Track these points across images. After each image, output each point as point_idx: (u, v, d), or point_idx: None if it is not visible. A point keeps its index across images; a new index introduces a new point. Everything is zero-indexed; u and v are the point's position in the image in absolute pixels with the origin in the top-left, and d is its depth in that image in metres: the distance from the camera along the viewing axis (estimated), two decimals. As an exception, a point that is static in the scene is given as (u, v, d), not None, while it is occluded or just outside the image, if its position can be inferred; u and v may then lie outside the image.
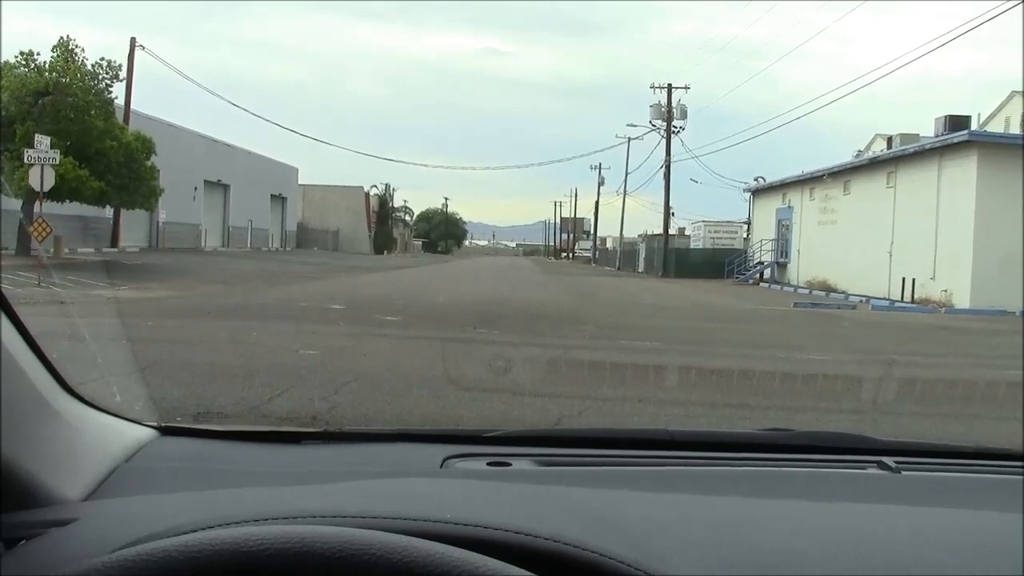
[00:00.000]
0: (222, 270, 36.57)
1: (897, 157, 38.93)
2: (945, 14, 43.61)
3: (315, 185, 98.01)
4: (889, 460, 2.18)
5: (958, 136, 34.04)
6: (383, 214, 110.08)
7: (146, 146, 34.11)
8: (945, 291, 32.82)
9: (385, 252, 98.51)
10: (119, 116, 37.51)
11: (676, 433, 2.48)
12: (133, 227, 51.30)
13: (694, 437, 2.49)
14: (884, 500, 1.94)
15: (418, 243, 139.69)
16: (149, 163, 34.48)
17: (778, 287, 46.96)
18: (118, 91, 45.45)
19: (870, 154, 49.69)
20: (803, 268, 47.74)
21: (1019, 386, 9.95)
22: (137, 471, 1.91)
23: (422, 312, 19.56)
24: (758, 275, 52.80)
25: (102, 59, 33.02)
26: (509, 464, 2.11)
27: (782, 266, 51.58)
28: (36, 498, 1.56)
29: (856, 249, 40.54)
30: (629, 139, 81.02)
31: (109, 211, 43.84)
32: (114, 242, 46.70)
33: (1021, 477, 2.15)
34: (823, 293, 39.69)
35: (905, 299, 34.81)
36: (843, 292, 39.45)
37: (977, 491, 2.12)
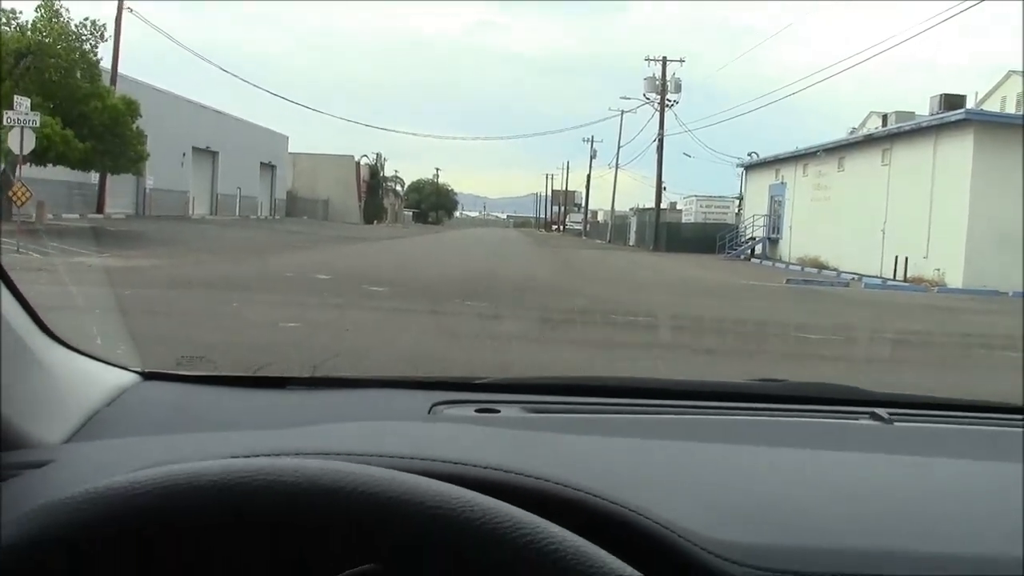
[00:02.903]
0: (208, 238, 36.15)
1: (893, 135, 38.59)
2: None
3: (305, 154, 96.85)
4: (882, 411, 2.16)
5: (955, 115, 33.67)
6: (374, 184, 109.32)
7: (132, 109, 33.41)
8: (938, 270, 32.55)
9: (375, 222, 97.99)
10: (105, 79, 37.09)
11: (666, 382, 2.48)
12: (119, 193, 50.64)
13: (684, 386, 2.45)
14: (877, 450, 1.91)
15: (409, 214, 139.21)
16: (135, 126, 33.83)
17: (770, 263, 46.61)
18: (104, 53, 45.47)
19: (865, 131, 49.38)
20: (795, 245, 47.41)
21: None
22: (118, 415, 1.89)
23: (409, 283, 19.21)
24: (749, 251, 52.46)
25: (86, 19, 32.40)
26: (498, 411, 2.06)
27: (774, 242, 51.27)
28: (13, 440, 1.53)
29: (849, 226, 40.23)
30: (622, 112, 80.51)
31: (95, 177, 43.30)
32: (99, 208, 46.07)
33: (1017, 429, 2.15)
34: (815, 270, 39.38)
35: (897, 278, 34.53)
36: (834, 269, 39.15)
37: (972, 442, 2.11)
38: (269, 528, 1.07)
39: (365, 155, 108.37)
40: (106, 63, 44.91)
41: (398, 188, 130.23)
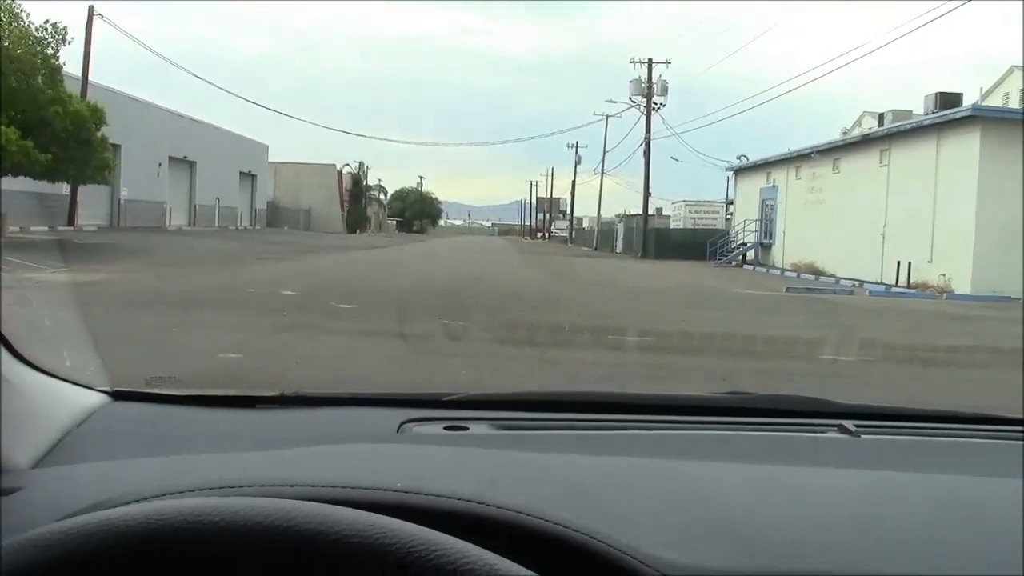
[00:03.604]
0: (180, 249, 34.59)
1: (891, 134, 36.95)
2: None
3: (286, 163, 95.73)
4: (849, 424, 2.16)
5: (960, 111, 32.15)
6: (356, 192, 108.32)
7: (97, 116, 31.70)
8: (943, 275, 30.99)
9: (358, 231, 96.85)
10: (74, 87, 35.52)
11: (636, 396, 2.49)
12: (92, 204, 49.06)
13: (654, 400, 2.45)
14: (843, 464, 1.90)
15: (392, 222, 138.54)
16: (100, 134, 32.18)
17: (763, 270, 45.09)
18: (73, 59, 43.90)
19: (859, 131, 47.97)
20: (788, 250, 45.84)
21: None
22: (88, 437, 1.88)
23: (383, 299, 17.58)
24: (741, 257, 50.90)
25: (47, 22, 30.78)
26: (466, 428, 2.08)
27: (766, 247, 49.70)
28: None
29: (846, 231, 38.74)
30: (607, 116, 78.79)
31: (66, 188, 41.76)
32: (71, 220, 44.50)
33: (982, 440, 2.20)
34: (812, 277, 37.93)
35: (900, 284, 32.99)
36: (831, 275, 37.73)
37: (937, 454, 2.12)
38: (193, 565, 1.09)
39: (347, 164, 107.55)
40: (76, 70, 44.03)
41: (381, 197, 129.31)
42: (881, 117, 43.65)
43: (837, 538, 1.45)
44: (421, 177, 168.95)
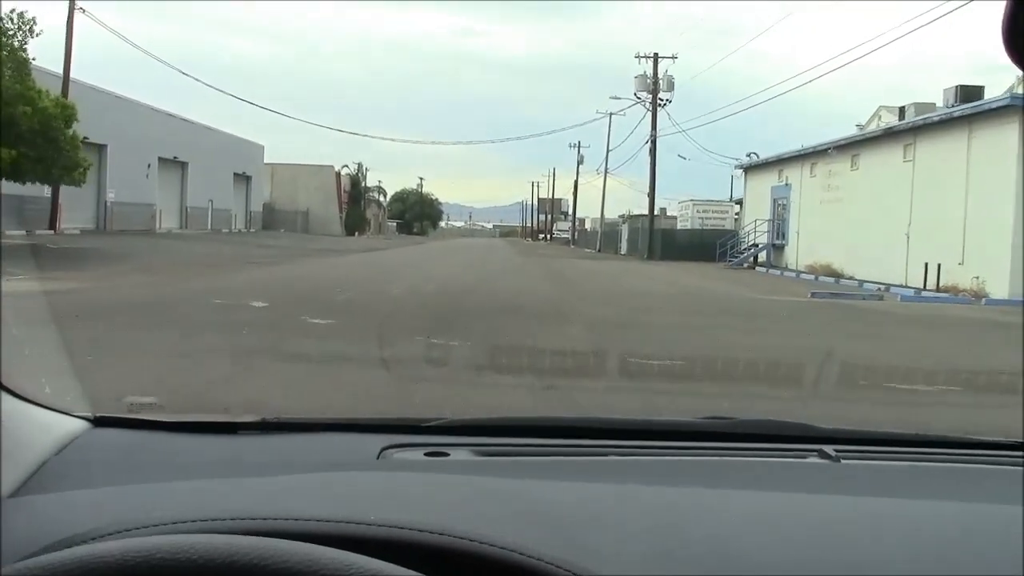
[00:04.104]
0: (161, 254, 32.62)
1: (916, 127, 34.71)
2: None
3: (283, 164, 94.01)
4: (829, 448, 2.14)
5: (997, 101, 29.72)
6: (355, 194, 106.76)
7: (66, 112, 29.59)
8: (977, 278, 28.79)
9: (356, 234, 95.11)
10: (50, 82, 33.47)
11: (617, 421, 2.48)
12: (77, 207, 46.96)
13: (635, 425, 2.43)
14: (822, 490, 1.91)
15: (392, 224, 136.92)
16: (71, 132, 30.03)
17: (777, 272, 42.91)
18: (54, 56, 41.88)
19: (876, 126, 45.80)
20: (803, 251, 43.71)
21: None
22: (68, 465, 1.85)
23: (366, 311, 15.52)
24: (752, 259, 48.73)
25: (13, 11, 28.68)
26: (447, 454, 2.07)
27: (778, 248, 47.53)
28: None
29: (865, 230, 36.63)
30: (611, 114, 76.90)
31: (47, 190, 39.73)
32: (52, 223, 42.42)
33: (961, 465, 2.18)
34: (831, 279, 35.80)
35: (928, 287, 30.79)
36: (850, 277, 35.65)
37: (916, 480, 2.10)
38: None
39: (346, 165, 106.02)
40: (57, 66, 42.10)
41: (381, 198, 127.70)
42: (902, 111, 41.40)
43: (816, 565, 1.45)
44: (421, 178, 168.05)
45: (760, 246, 49.12)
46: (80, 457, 1.90)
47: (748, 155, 55.21)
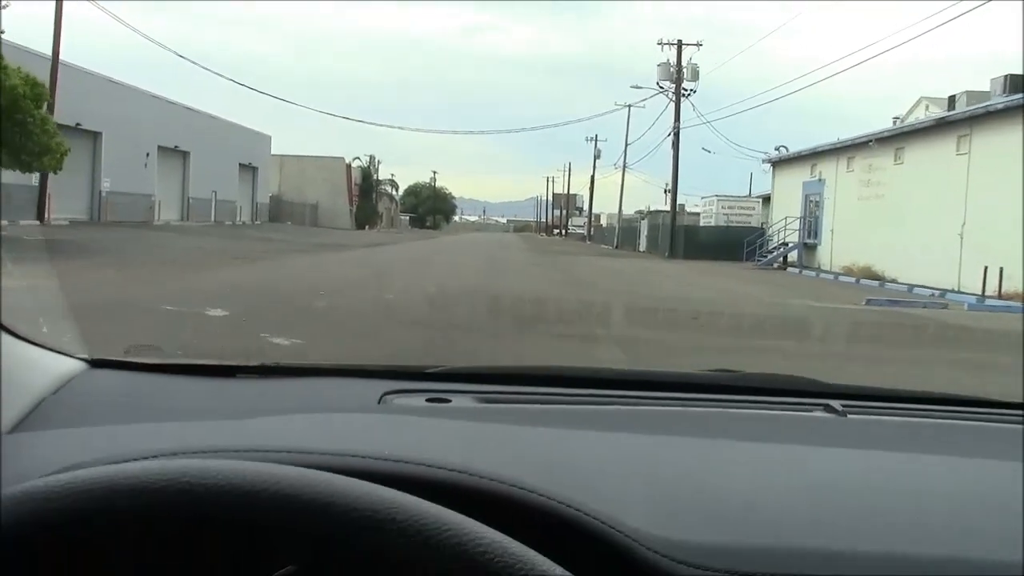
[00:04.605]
0: (146, 248, 30.02)
1: (972, 117, 31.62)
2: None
3: (292, 155, 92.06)
4: (836, 403, 2.15)
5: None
6: (366, 187, 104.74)
7: (36, 92, 26.73)
8: (1045, 284, 25.78)
9: (367, 227, 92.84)
10: (41, 65, 30.80)
11: (621, 372, 2.54)
12: (69, 197, 44.42)
13: (639, 376, 2.44)
14: (829, 443, 1.90)
15: (405, 218, 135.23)
16: (41, 113, 27.18)
17: (812, 273, 39.84)
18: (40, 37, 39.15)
19: (916, 118, 42.77)
20: (838, 251, 40.78)
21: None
22: (64, 404, 1.85)
23: (345, 325, 12.66)
24: (781, 258, 45.68)
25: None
26: (448, 400, 2.04)
27: (810, 248, 44.49)
28: None
29: (911, 229, 33.64)
30: (629, 106, 74.01)
31: (35, 178, 37.11)
32: (40, 214, 39.74)
33: (976, 423, 2.18)
34: (874, 283, 32.83)
35: (988, 292, 27.65)
36: (892, 280, 32.77)
37: (928, 436, 2.08)
38: (190, 529, 1.08)
39: (357, 158, 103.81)
40: (45, 48, 39.59)
41: (393, 192, 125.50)
42: (952, 100, 38.34)
43: (820, 516, 1.46)
44: (435, 172, 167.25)
45: (791, 245, 46.04)
46: (77, 397, 1.89)
47: (777, 148, 52.14)
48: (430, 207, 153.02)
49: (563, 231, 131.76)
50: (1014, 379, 10.46)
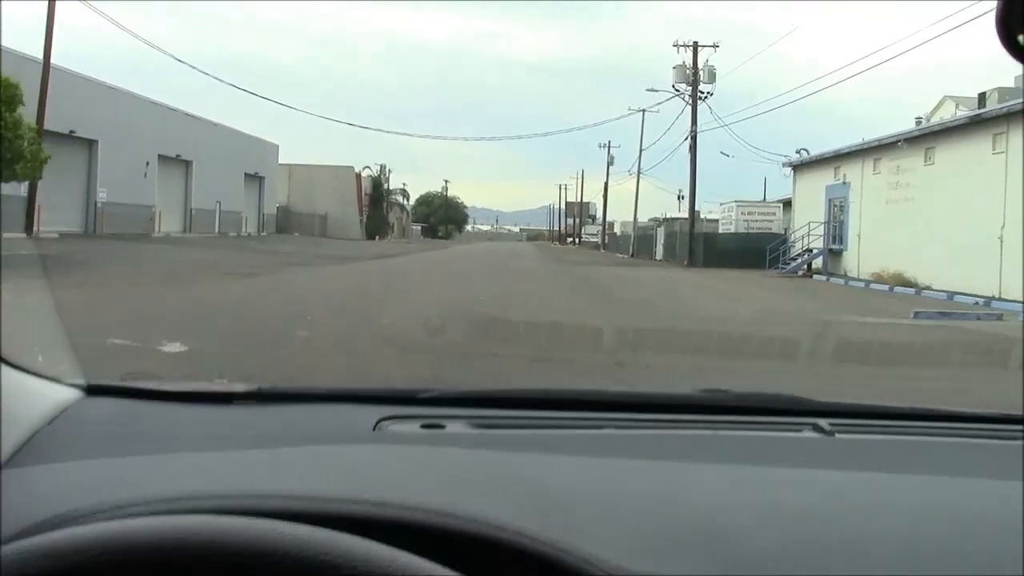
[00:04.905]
0: (137, 263, 28.18)
1: (1008, 114, 29.44)
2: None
3: (301, 165, 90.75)
4: (823, 422, 2.13)
5: None
6: (376, 197, 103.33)
7: (9, 93, 24.91)
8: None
9: (377, 238, 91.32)
10: (32, 70, 29.09)
11: (613, 394, 2.50)
12: (62, 208, 42.89)
13: (629, 398, 2.44)
14: (816, 464, 1.89)
15: (417, 228, 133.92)
16: (14, 116, 25.35)
17: (840, 281, 37.80)
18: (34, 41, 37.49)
19: (942, 118, 40.72)
20: (865, 257, 38.72)
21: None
22: (59, 435, 1.83)
23: (334, 358, 10.77)
24: (805, 266, 43.64)
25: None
26: (443, 426, 2.08)
27: (835, 254, 42.47)
28: None
29: (945, 232, 31.57)
30: (644, 110, 72.06)
31: (24, 187, 35.46)
32: (29, 226, 38.03)
33: (973, 440, 2.16)
34: (910, 291, 30.85)
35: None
36: (926, 287, 30.81)
37: (912, 454, 2.06)
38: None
39: (367, 167, 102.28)
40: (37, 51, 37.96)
41: (404, 201, 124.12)
42: (983, 97, 36.35)
43: (808, 541, 1.45)
44: (446, 181, 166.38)
45: (815, 252, 43.97)
46: (73, 427, 1.88)
47: (798, 151, 50.03)
48: (442, 216, 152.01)
49: (576, 239, 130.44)
50: None
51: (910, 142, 35.85)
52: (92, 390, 2.09)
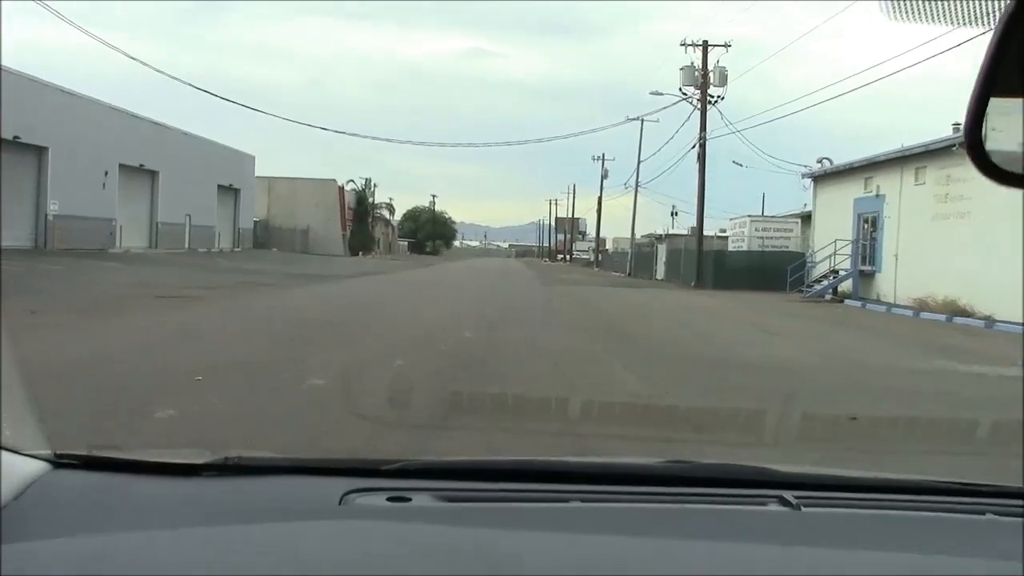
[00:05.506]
0: (65, 286, 24.20)
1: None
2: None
3: (282, 178, 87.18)
4: (789, 495, 2.05)
5: None
6: (361, 211, 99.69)
7: None
8: None
9: (360, 254, 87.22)
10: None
11: (580, 464, 2.46)
12: (8, 222, 38.22)
13: (598, 469, 2.41)
14: (781, 541, 1.85)
15: (403, 244, 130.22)
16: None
17: (881, 308, 33.14)
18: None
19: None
20: (903, 280, 34.11)
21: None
22: (26, 513, 1.80)
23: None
24: (831, 289, 39.06)
25: None
26: (409, 499, 2.03)
27: (866, 276, 37.91)
28: None
29: (1009, 253, 27.06)
30: (642, 118, 67.33)
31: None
32: (-32, 242, 33.57)
33: (923, 513, 2.08)
34: (979, 322, 26.37)
35: None
36: (988, 317, 26.49)
37: (885, 530, 1.96)
38: None
39: (351, 180, 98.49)
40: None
41: (389, 216, 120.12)
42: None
43: None
44: (434, 196, 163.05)
45: (842, 273, 39.35)
46: (40, 502, 1.85)
47: (819, 161, 45.41)
48: (429, 232, 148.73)
49: (567, 256, 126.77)
50: None
51: (964, 146, 31.26)
52: (59, 462, 2.03)
